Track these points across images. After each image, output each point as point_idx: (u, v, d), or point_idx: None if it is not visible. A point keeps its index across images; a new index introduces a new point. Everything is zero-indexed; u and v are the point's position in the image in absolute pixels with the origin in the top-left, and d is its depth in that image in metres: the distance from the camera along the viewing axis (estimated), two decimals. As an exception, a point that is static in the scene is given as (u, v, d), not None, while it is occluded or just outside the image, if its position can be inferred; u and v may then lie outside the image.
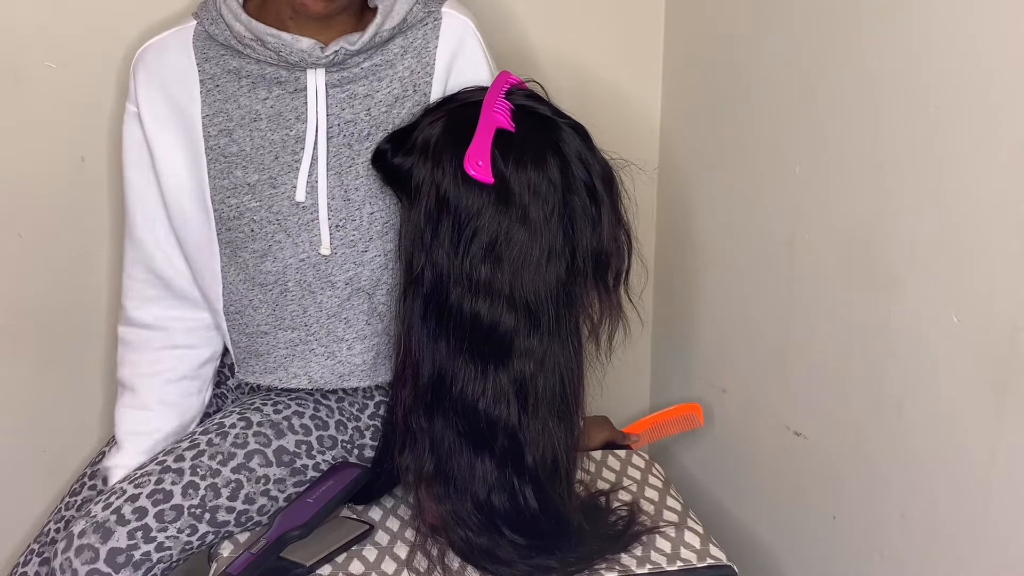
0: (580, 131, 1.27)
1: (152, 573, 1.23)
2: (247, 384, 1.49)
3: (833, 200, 1.31)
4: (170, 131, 1.32)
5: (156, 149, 1.33)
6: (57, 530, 1.36)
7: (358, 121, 1.32)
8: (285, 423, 1.34)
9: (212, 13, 1.30)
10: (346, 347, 1.37)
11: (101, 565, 1.20)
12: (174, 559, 1.25)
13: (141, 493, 1.24)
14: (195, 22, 1.33)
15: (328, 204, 1.31)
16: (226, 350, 1.45)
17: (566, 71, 1.65)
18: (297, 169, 1.31)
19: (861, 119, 1.23)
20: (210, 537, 1.28)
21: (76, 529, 1.21)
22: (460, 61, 1.35)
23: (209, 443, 1.30)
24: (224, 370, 1.52)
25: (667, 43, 1.72)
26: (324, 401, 1.39)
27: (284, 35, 1.27)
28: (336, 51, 1.28)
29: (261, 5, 1.30)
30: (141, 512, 1.23)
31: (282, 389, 1.40)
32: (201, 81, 1.31)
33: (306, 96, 1.30)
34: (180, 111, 1.32)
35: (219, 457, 1.29)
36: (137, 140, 1.34)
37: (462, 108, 1.27)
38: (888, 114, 1.19)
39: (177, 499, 1.25)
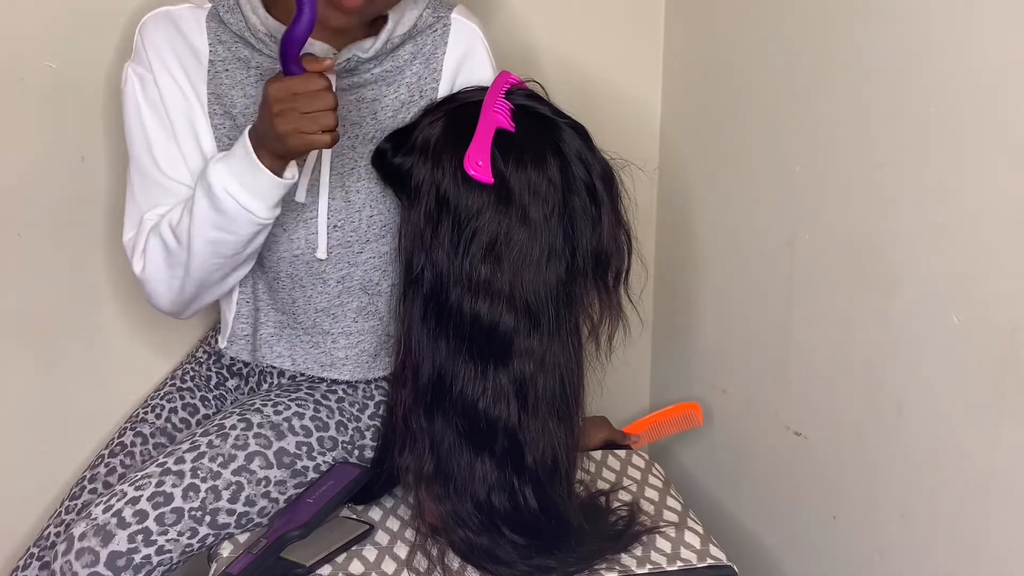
0: (580, 131, 1.27)
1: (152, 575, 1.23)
2: (246, 384, 1.49)
3: (833, 200, 1.31)
4: (186, 98, 1.32)
5: (175, 114, 1.32)
6: (57, 534, 1.36)
7: (363, 124, 1.32)
8: (285, 424, 1.34)
9: (229, 1, 1.30)
10: (330, 340, 1.38)
11: (101, 568, 1.19)
12: (174, 562, 1.25)
13: (142, 496, 1.24)
14: (210, 5, 1.32)
15: (328, 205, 1.31)
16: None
17: (566, 71, 1.65)
18: (299, 168, 1.31)
19: (861, 119, 1.23)
20: (210, 539, 1.28)
21: (76, 532, 1.21)
22: (467, 67, 1.35)
23: (209, 445, 1.30)
24: (223, 371, 1.52)
25: (667, 43, 1.72)
26: (324, 402, 1.39)
27: None
28: (348, 59, 1.28)
29: (278, 2, 1.30)
30: (142, 515, 1.23)
31: (281, 389, 1.41)
32: (211, 62, 1.31)
33: None
34: (191, 82, 1.32)
35: (220, 459, 1.29)
36: (149, 100, 1.32)
37: (462, 108, 1.27)
38: (888, 114, 1.19)
39: (178, 502, 1.25)
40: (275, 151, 1.20)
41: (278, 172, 1.21)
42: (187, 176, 1.32)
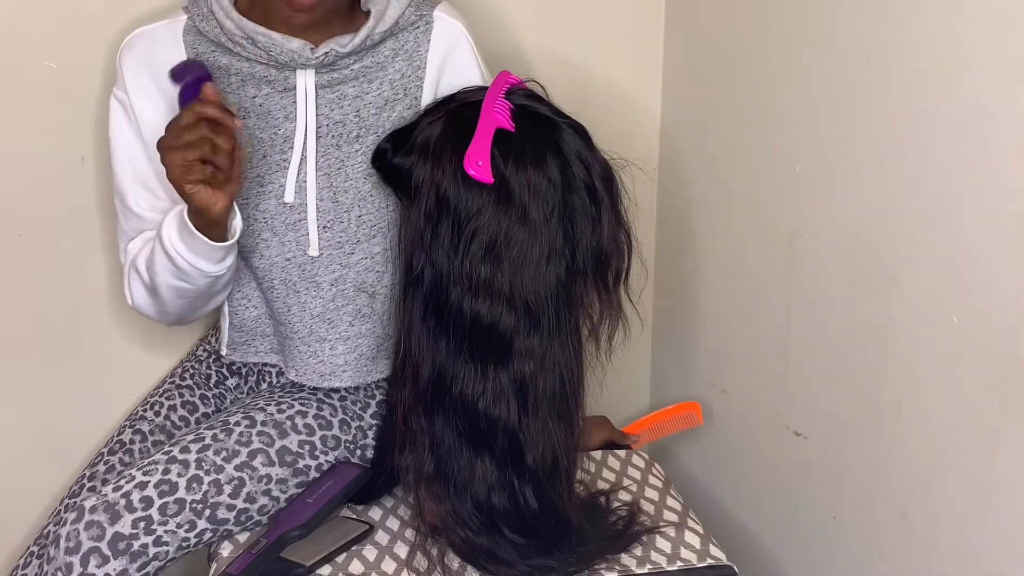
0: (580, 131, 1.27)
1: (146, 569, 1.22)
2: (245, 383, 1.49)
3: (833, 199, 1.31)
4: (161, 119, 1.32)
5: (149, 137, 1.32)
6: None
7: (347, 122, 1.32)
8: (288, 423, 1.34)
9: (203, 10, 1.31)
10: (328, 347, 1.37)
11: (103, 546, 1.20)
12: (169, 556, 1.25)
13: (149, 482, 1.24)
14: (186, 17, 1.33)
15: (317, 205, 1.32)
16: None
17: (566, 71, 1.65)
18: (285, 169, 1.31)
19: (861, 118, 1.23)
20: (208, 535, 1.28)
21: (88, 504, 1.22)
22: (451, 65, 1.35)
23: (214, 439, 1.30)
24: (223, 370, 1.52)
25: (667, 43, 1.72)
26: (327, 401, 1.39)
27: (274, 34, 1.27)
28: (326, 52, 1.28)
29: (252, 4, 1.30)
30: (147, 502, 1.23)
31: (284, 391, 1.40)
32: None
33: (295, 96, 1.30)
34: (169, 100, 1.31)
35: (223, 453, 1.29)
36: (130, 127, 1.34)
37: (462, 108, 1.27)
38: (888, 113, 1.19)
39: (181, 492, 1.25)
40: (193, 212, 1.20)
41: (216, 233, 1.22)
42: (160, 207, 1.34)
